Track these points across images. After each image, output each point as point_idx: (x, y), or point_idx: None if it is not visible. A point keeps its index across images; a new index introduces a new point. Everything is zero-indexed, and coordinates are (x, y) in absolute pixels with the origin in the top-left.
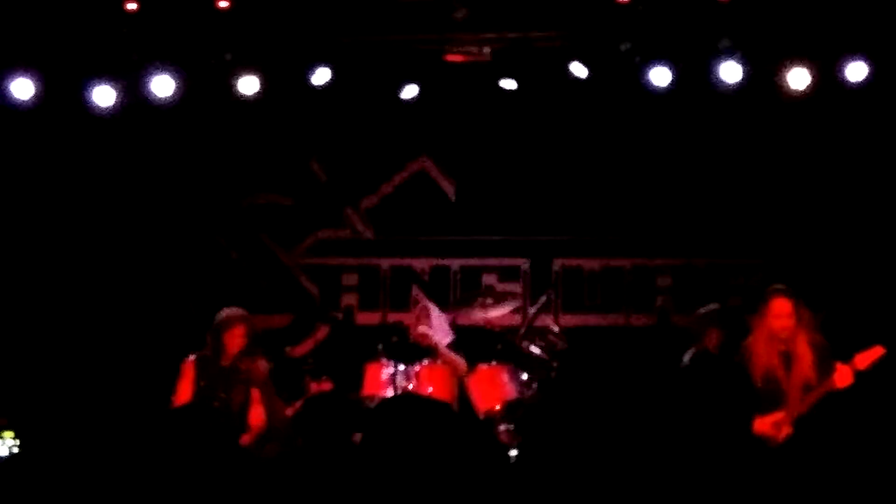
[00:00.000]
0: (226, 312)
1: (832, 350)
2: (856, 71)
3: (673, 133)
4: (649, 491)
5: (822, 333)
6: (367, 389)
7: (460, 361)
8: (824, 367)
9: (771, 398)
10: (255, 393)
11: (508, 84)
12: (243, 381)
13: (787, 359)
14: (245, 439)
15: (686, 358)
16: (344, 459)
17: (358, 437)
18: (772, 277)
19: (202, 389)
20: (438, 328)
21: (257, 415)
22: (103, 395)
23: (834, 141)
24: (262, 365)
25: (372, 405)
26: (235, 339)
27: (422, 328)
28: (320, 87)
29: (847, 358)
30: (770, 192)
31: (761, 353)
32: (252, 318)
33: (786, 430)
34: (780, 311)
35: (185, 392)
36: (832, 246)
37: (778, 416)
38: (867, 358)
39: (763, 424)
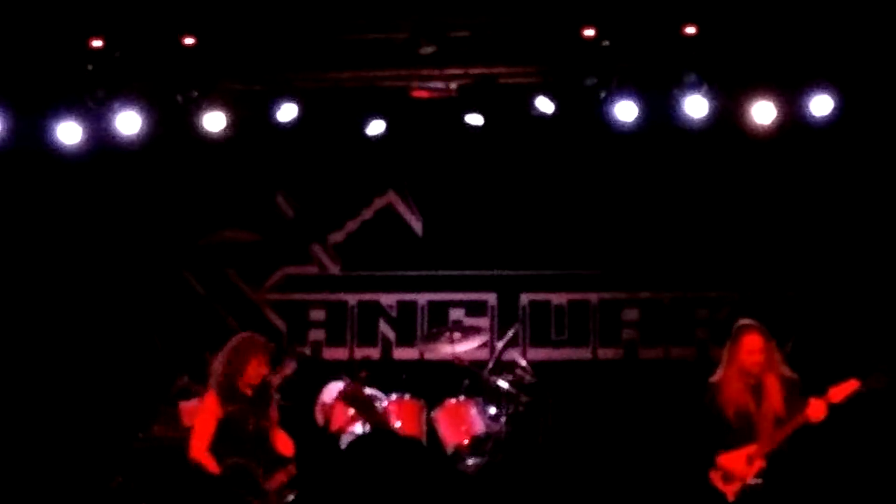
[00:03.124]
0: (250, 335)
1: (801, 383)
2: (821, 105)
3: (638, 168)
4: None
5: (790, 365)
6: (336, 425)
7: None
8: (794, 400)
9: (743, 433)
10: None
11: (474, 119)
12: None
13: (758, 393)
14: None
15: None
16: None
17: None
18: (738, 311)
19: (229, 422)
20: None
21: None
22: (72, 432)
23: (799, 175)
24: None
25: (342, 440)
26: (260, 368)
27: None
28: (286, 123)
29: (817, 390)
30: (735, 225)
31: (732, 388)
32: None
33: (758, 464)
34: (752, 346)
35: (207, 426)
36: (798, 278)
37: (750, 449)
38: (842, 391)
39: (736, 457)
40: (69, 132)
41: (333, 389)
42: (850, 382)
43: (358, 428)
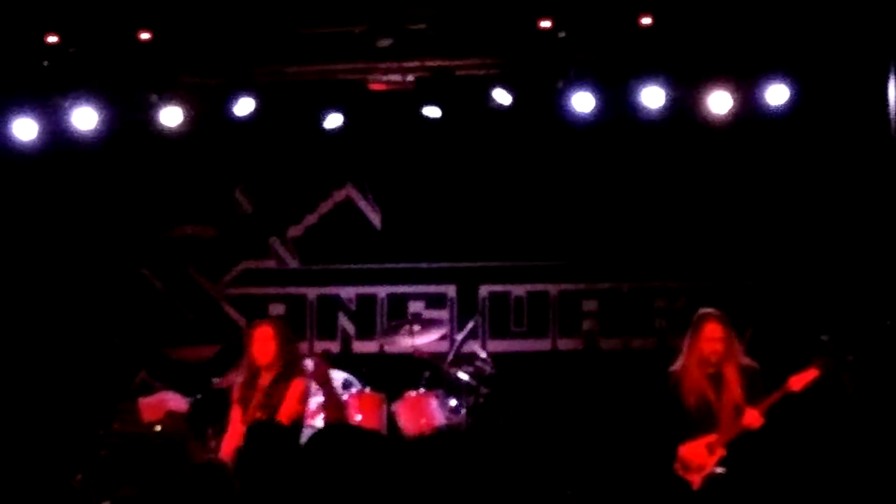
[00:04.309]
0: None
1: (761, 371)
2: (777, 94)
3: (596, 159)
4: None
5: (750, 353)
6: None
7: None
8: (753, 389)
9: (703, 422)
10: (288, 409)
11: (432, 112)
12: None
13: (718, 382)
14: None
15: None
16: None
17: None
18: (697, 301)
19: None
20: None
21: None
22: (31, 430)
23: (756, 164)
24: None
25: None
26: (261, 343)
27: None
28: (244, 117)
29: (778, 379)
30: (693, 215)
31: (692, 377)
32: (280, 321)
33: (719, 453)
34: (712, 334)
35: (234, 419)
36: (757, 268)
37: (710, 438)
38: (802, 380)
39: (696, 447)
40: (25, 128)
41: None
42: (811, 371)
43: (319, 422)
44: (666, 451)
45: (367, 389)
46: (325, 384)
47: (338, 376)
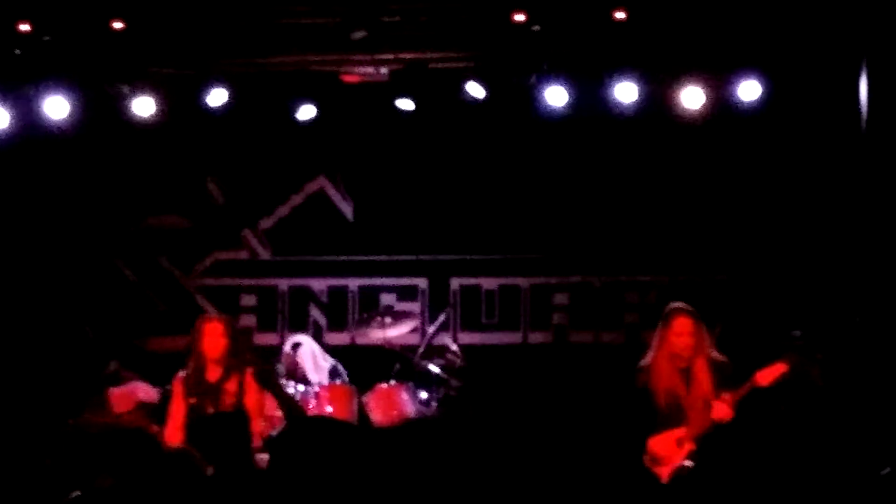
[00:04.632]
0: (200, 318)
1: (731, 366)
2: (750, 90)
3: (569, 153)
4: None
5: (719, 347)
6: (268, 410)
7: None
8: (723, 383)
9: (673, 416)
10: (251, 398)
11: (405, 104)
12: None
13: (687, 376)
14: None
15: None
16: (250, 484)
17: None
18: (667, 295)
19: (193, 407)
20: (310, 358)
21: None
22: (2, 421)
23: (728, 160)
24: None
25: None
26: (213, 339)
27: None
28: (217, 108)
29: (746, 373)
30: (665, 210)
31: (662, 371)
32: (230, 318)
33: (688, 447)
34: (682, 329)
35: (177, 413)
36: (728, 263)
37: (679, 432)
38: (769, 375)
39: (666, 441)
40: None
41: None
42: (778, 366)
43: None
44: (635, 444)
45: (338, 381)
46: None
47: (325, 364)
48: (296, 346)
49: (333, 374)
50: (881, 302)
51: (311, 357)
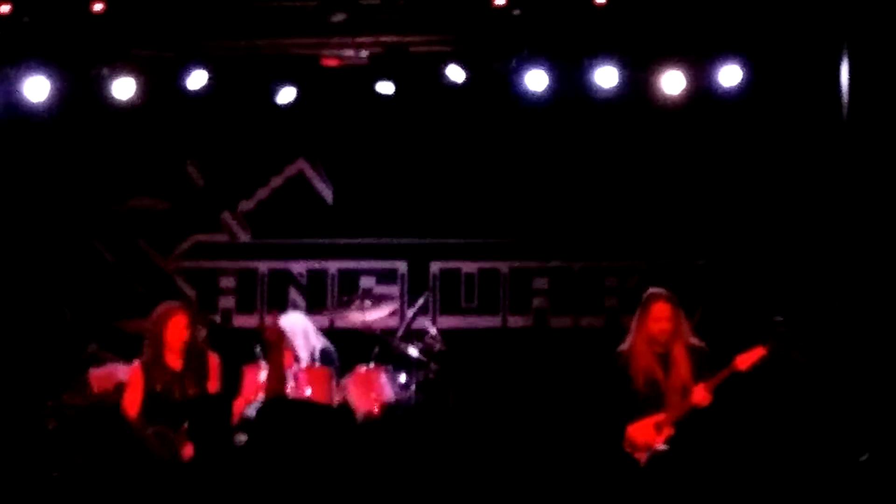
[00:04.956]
0: (165, 304)
1: (710, 351)
2: (730, 75)
3: (549, 137)
4: (526, 493)
5: (698, 333)
6: (246, 392)
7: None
8: (702, 369)
9: (651, 401)
10: (213, 384)
11: (385, 88)
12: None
13: (666, 362)
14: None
15: None
16: (228, 465)
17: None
18: (647, 280)
19: (157, 395)
20: (301, 338)
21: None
22: None
23: (708, 144)
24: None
25: (248, 408)
26: (179, 331)
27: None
28: (196, 90)
29: (725, 358)
30: (645, 194)
31: (641, 356)
32: (194, 310)
33: (666, 432)
34: (660, 314)
35: (133, 401)
36: (708, 248)
37: (658, 417)
38: (748, 359)
39: (644, 426)
40: None
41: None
42: (757, 350)
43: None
44: (614, 429)
45: (317, 364)
46: (275, 350)
47: (318, 344)
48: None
49: (325, 354)
50: (861, 287)
51: (303, 334)
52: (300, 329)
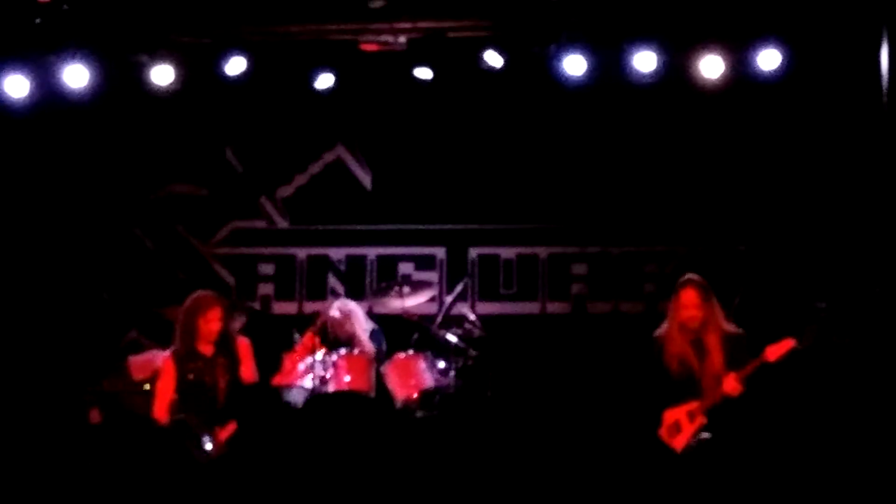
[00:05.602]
0: (198, 295)
1: (746, 338)
2: (769, 59)
3: (588, 122)
4: (566, 477)
5: (737, 319)
6: (285, 379)
7: (372, 351)
8: (737, 357)
9: (686, 387)
10: (247, 369)
11: (424, 73)
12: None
13: (700, 349)
14: None
15: None
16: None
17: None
18: (686, 265)
19: (190, 383)
20: (361, 321)
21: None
22: (21, 386)
23: (747, 129)
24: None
25: (289, 394)
26: (214, 323)
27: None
28: (235, 76)
29: (764, 345)
30: (684, 179)
31: (675, 343)
32: (223, 297)
33: (699, 420)
34: (688, 301)
35: (168, 390)
36: (748, 233)
37: (692, 405)
38: (778, 350)
39: (678, 413)
40: (16, 85)
41: (345, 305)
42: (787, 342)
43: (307, 382)
44: (651, 415)
45: (356, 350)
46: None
47: (368, 326)
48: (347, 311)
49: (373, 336)
50: None
51: (364, 319)
52: (361, 316)
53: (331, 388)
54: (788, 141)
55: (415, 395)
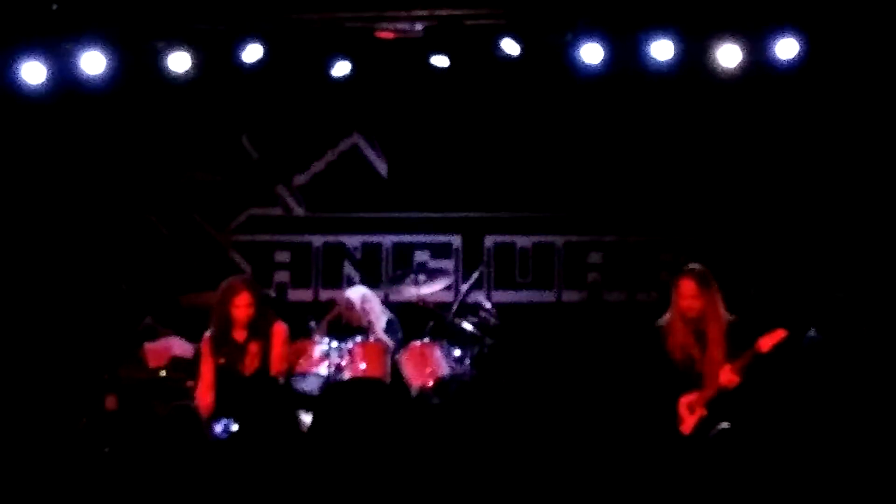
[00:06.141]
0: (229, 281)
1: (749, 327)
2: (787, 48)
3: (604, 111)
4: (578, 466)
5: (753, 309)
6: (300, 367)
7: (389, 343)
8: (738, 347)
9: (691, 378)
10: (278, 356)
11: (440, 61)
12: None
13: (702, 339)
14: None
15: None
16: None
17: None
18: (700, 255)
19: (222, 367)
20: (377, 309)
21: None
22: (36, 373)
23: (764, 119)
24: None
25: (304, 382)
26: (243, 309)
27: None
28: (251, 64)
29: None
30: (700, 169)
31: (677, 332)
32: (256, 284)
33: (699, 413)
34: (686, 291)
35: (207, 373)
36: (764, 223)
37: (692, 397)
38: (769, 341)
39: (681, 404)
40: (33, 72)
41: (361, 293)
42: (778, 332)
43: (323, 370)
44: (665, 404)
45: (371, 338)
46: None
47: (384, 317)
48: (363, 298)
49: (390, 326)
50: None
51: (380, 308)
52: (377, 304)
53: (346, 375)
54: (806, 130)
55: (430, 384)
